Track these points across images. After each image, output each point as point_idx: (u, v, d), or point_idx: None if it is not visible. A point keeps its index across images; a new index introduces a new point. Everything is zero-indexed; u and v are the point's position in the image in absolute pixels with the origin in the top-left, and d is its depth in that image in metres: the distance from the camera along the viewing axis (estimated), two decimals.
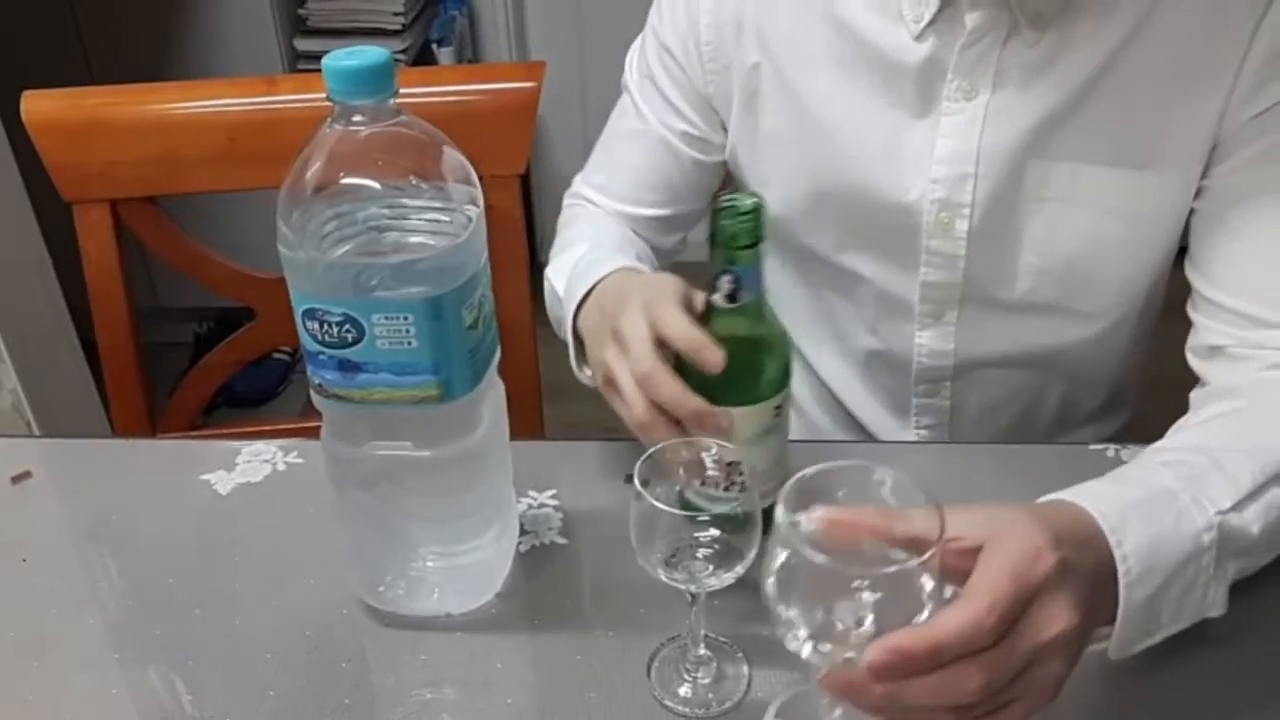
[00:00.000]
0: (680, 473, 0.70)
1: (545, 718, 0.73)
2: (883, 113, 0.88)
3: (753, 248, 0.70)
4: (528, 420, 1.20)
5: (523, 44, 2.67)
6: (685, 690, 0.73)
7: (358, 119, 0.66)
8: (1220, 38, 0.80)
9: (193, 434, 1.24)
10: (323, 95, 0.65)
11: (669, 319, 0.73)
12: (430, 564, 0.78)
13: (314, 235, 0.67)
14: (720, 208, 0.70)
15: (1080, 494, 0.66)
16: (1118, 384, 1.02)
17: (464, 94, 1.16)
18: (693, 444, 0.70)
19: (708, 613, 0.72)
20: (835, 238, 0.95)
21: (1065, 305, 0.93)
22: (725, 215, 0.70)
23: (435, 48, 2.43)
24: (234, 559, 0.85)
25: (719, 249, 0.71)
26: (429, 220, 0.68)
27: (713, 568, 0.67)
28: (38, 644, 0.79)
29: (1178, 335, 0.89)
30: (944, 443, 1.02)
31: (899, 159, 0.89)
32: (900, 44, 0.85)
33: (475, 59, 2.63)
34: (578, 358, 0.87)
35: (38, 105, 1.11)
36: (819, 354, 1.05)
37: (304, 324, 0.68)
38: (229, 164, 1.13)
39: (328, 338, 0.68)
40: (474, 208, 0.69)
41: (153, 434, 1.21)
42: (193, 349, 2.49)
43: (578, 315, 0.86)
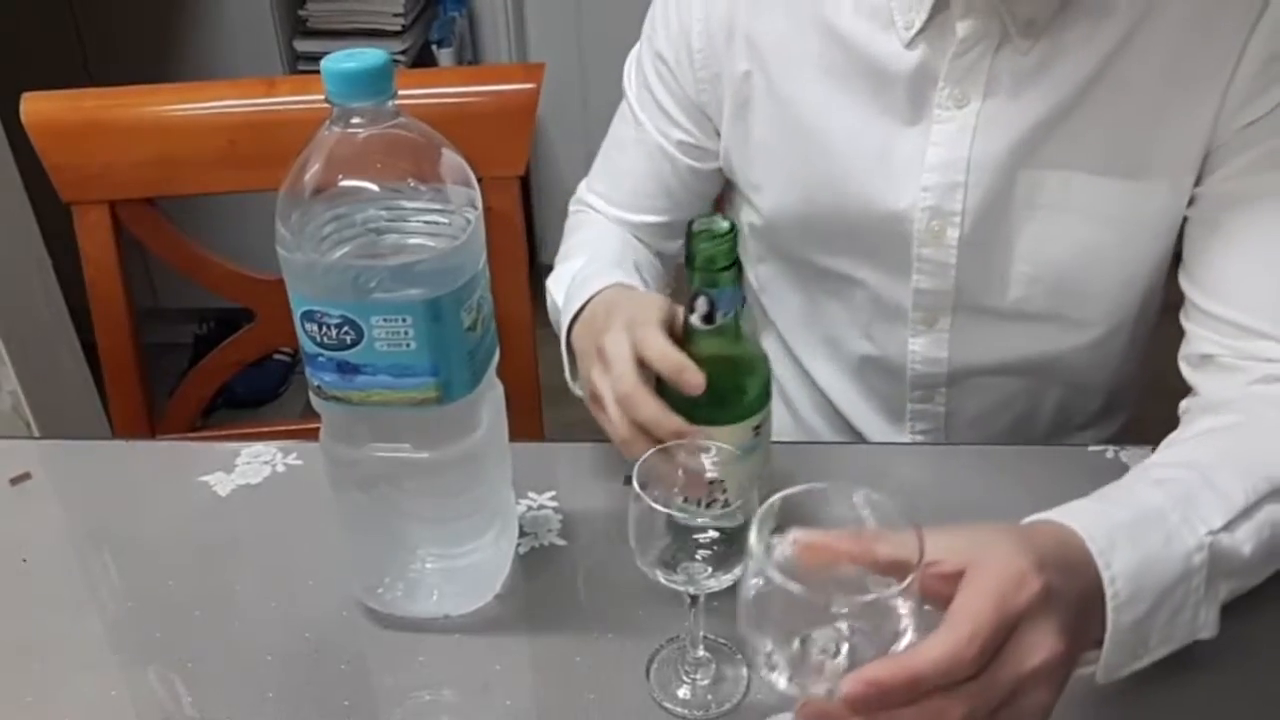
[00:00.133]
0: (663, 490, 0.69)
1: (544, 719, 0.73)
2: (873, 120, 0.88)
3: (728, 270, 0.71)
4: (527, 422, 1.20)
5: (522, 45, 2.67)
6: (684, 692, 0.73)
7: (356, 121, 0.66)
8: (1212, 46, 0.80)
9: (192, 435, 1.24)
10: (322, 97, 0.65)
11: (649, 340, 0.74)
12: (429, 565, 0.78)
13: (313, 237, 0.67)
14: (696, 231, 0.71)
15: (1067, 514, 0.65)
16: (1114, 389, 1.02)
17: (463, 96, 1.16)
18: (691, 445, 0.70)
19: (706, 614, 0.72)
20: (828, 244, 0.95)
21: (1059, 313, 0.92)
22: (701, 238, 0.70)
23: (435, 49, 2.43)
24: (233, 561, 0.85)
25: (695, 271, 0.72)
26: (428, 222, 0.68)
27: (711, 569, 0.67)
28: (37, 645, 0.79)
29: (1178, 337, 0.88)
30: (940, 444, 1.02)
31: (890, 167, 0.89)
32: (891, 51, 0.85)
33: (475, 60, 2.63)
34: (571, 371, 0.88)
35: (37, 107, 1.11)
36: (813, 359, 1.05)
37: (303, 326, 0.68)
38: (228, 165, 1.13)
39: (326, 340, 0.68)
40: (472, 210, 0.69)
41: (152, 435, 1.21)
42: (192, 350, 2.49)
43: (571, 330, 0.87)
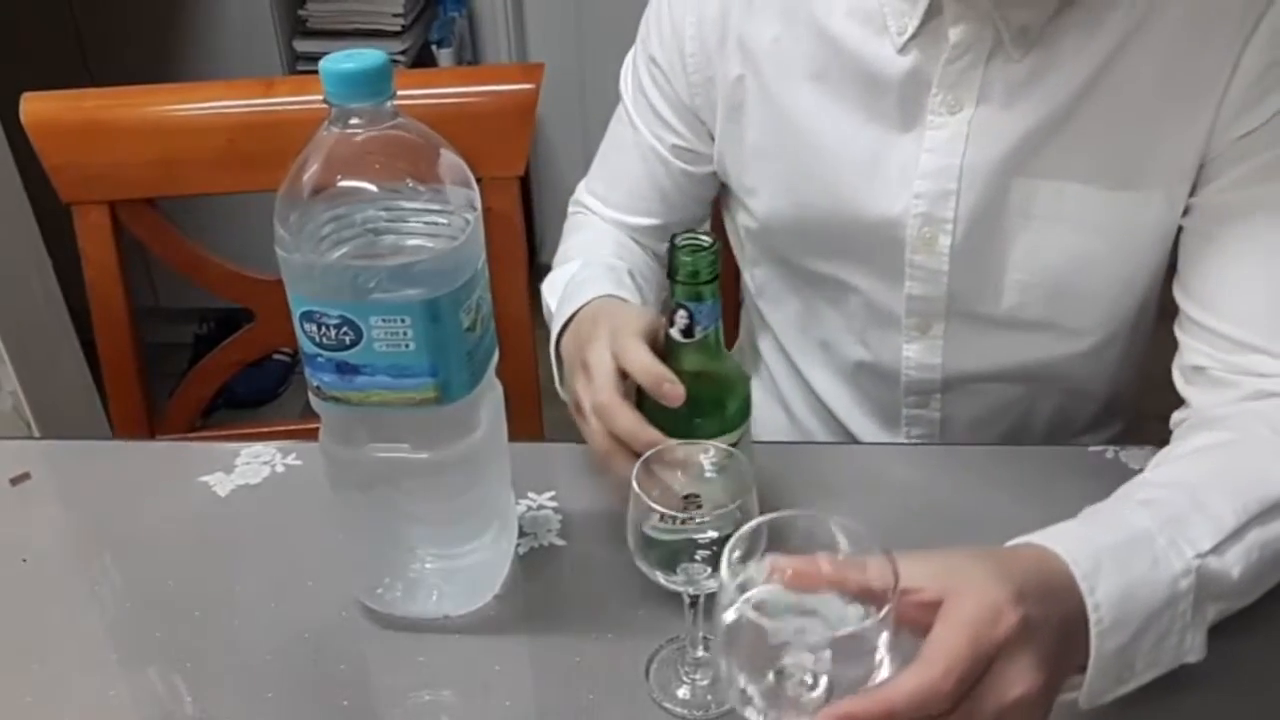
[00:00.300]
0: (639, 508, 0.68)
1: (543, 719, 0.73)
2: (866, 125, 0.88)
3: (710, 283, 0.71)
4: (526, 422, 1.20)
5: (522, 45, 2.67)
6: (684, 692, 0.73)
7: (355, 122, 0.66)
8: (1207, 57, 0.79)
9: (192, 435, 1.24)
10: (321, 97, 0.65)
11: (630, 351, 0.74)
12: (429, 566, 0.78)
13: (311, 237, 0.67)
14: (679, 245, 0.71)
15: (1052, 537, 0.65)
16: (1111, 396, 1.01)
17: (462, 96, 1.16)
18: (691, 445, 0.70)
19: (706, 615, 0.72)
20: (821, 249, 0.95)
21: (1053, 321, 0.92)
22: (683, 252, 0.71)
23: (435, 49, 2.43)
24: (233, 561, 0.85)
25: (677, 284, 0.72)
26: (426, 223, 0.68)
27: (711, 570, 0.67)
28: (37, 645, 0.79)
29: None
30: (934, 444, 1.01)
31: (882, 172, 0.88)
32: (883, 56, 0.85)
33: (475, 60, 2.63)
34: (560, 379, 0.88)
35: (37, 107, 1.11)
36: (809, 363, 1.05)
37: (302, 326, 0.68)
38: (228, 166, 1.13)
39: (325, 340, 0.68)
40: (471, 210, 0.69)
41: (152, 435, 1.21)
42: (192, 350, 2.49)
43: (560, 338, 0.88)
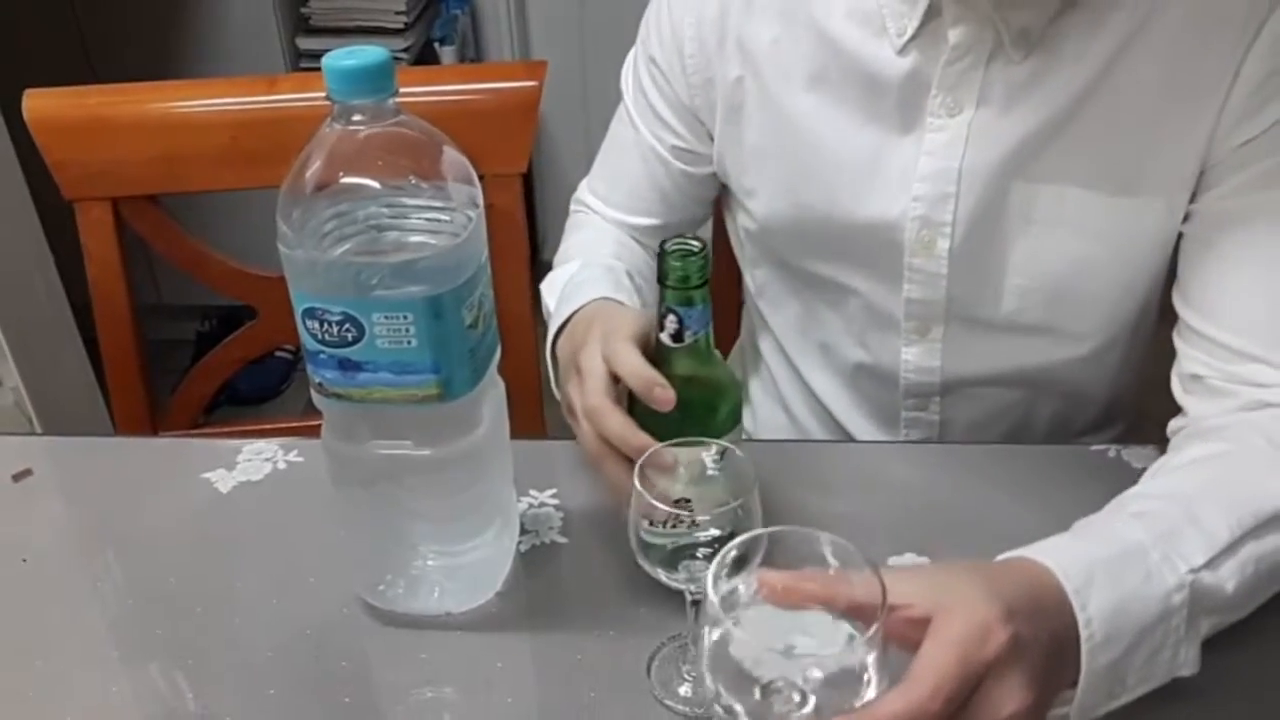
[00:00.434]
0: (638, 510, 0.68)
1: (545, 717, 0.73)
2: (865, 127, 0.87)
3: (700, 288, 0.71)
4: (528, 419, 1.20)
5: (525, 42, 2.67)
6: (685, 690, 0.73)
7: (357, 118, 0.66)
8: (1208, 63, 0.79)
9: (194, 432, 1.24)
10: (323, 95, 0.65)
11: (621, 355, 0.74)
12: (431, 563, 0.78)
13: (314, 234, 0.67)
14: (669, 250, 0.71)
15: (1044, 551, 0.65)
16: (1112, 399, 1.01)
17: (465, 93, 1.16)
18: (687, 445, 0.70)
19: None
20: (820, 251, 0.95)
21: (1053, 326, 0.91)
22: (673, 257, 0.71)
23: (437, 46, 2.43)
24: (234, 557, 0.85)
25: (667, 289, 0.72)
26: (429, 219, 0.68)
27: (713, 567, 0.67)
28: (39, 642, 0.79)
29: None
30: (933, 442, 1.01)
31: (880, 174, 0.88)
32: (883, 58, 0.85)
33: (477, 58, 2.63)
34: (555, 380, 0.88)
35: (39, 104, 1.11)
36: (808, 365, 1.05)
37: (304, 323, 0.68)
38: (230, 163, 1.13)
39: (328, 337, 0.68)
40: (474, 207, 0.69)
41: (154, 432, 1.22)
42: (195, 347, 2.49)
43: (556, 341, 0.88)
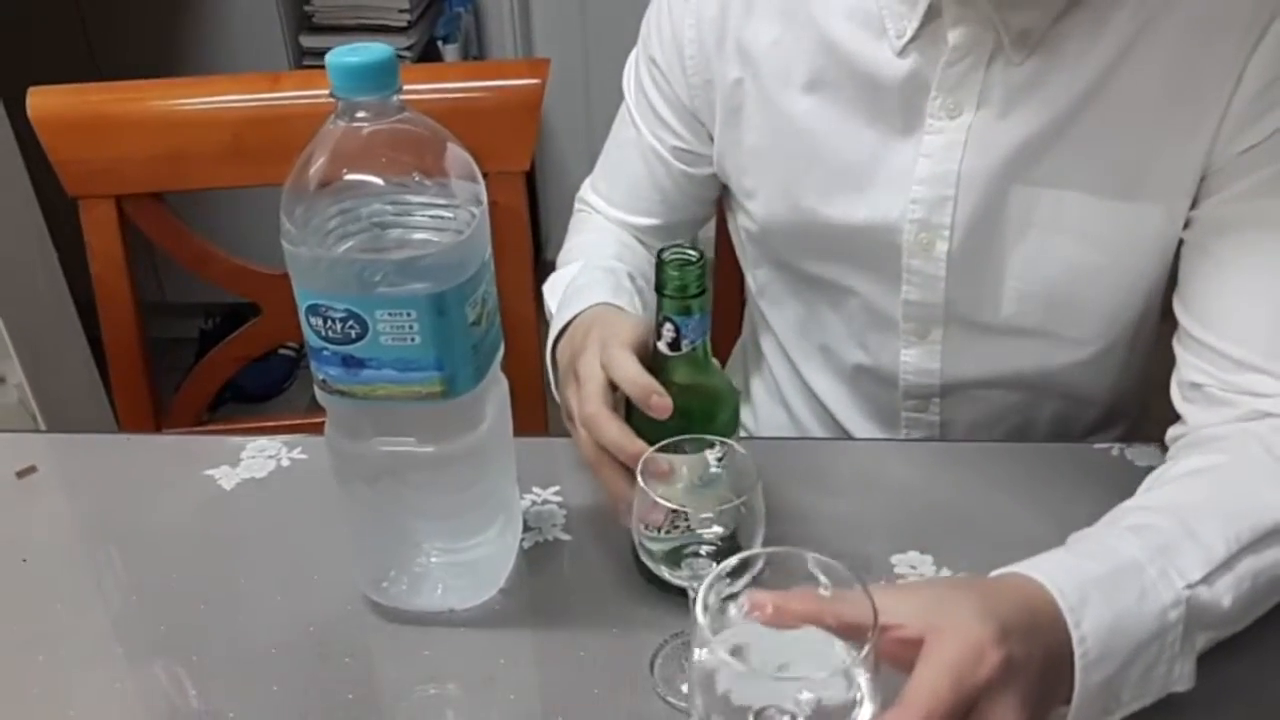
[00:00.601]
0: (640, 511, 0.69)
1: (548, 714, 0.73)
2: (864, 129, 0.87)
3: (698, 297, 0.71)
4: (531, 416, 1.20)
5: (528, 40, 2.67)
6: (688, 687, 0.73)
7: (361, 115, 0.66)
8: (1210, 69, 0.78)
9: (198, 430, 1.24)
10: (327, 92, 0.65)
11: (618, 362, 0.74)
12: (434, 560, 0.78)
13: (317, 231, 0.67)
14: (666, 259, 0.71)
15: (1039, 567, 0.64)
16: (1114, 401, 1.00)
17: (468, 91, 1.16)
18: (690, 440, 0.70)
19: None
20: (819, 252, 0.95)
21: (1052, 330, 0.91)
22: (671, 266, 0.71)
23: (440, 45, 2.43)
24: (238, 554, 0.85)
25: (664, 298, 0.72)
26: (432, 216, 0.68)
27: (715, 565, 0.67)
28: (42, 639, 0.79)
29: None
30: (934, 440, 1.00)
31: (879, 176, 0.88)
32: (883, 59, 0.84)
33: (480, 56, 2.63)
34: (556, 383, 0.88)
35: (43, 101, 1.11)
36: (809, 366, 1.04)
37: (308, 320, 0.68)
38: (233, 160, 1.13)
39: (331, 334, 0.68)
40: (477, 204, 0.69)
41: (158, 430, 1.22)
42: (198, 345, 2.50)
43: (556, 345, 0.88)
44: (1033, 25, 0.80)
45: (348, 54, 0.65)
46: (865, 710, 0.54)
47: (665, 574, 0.69)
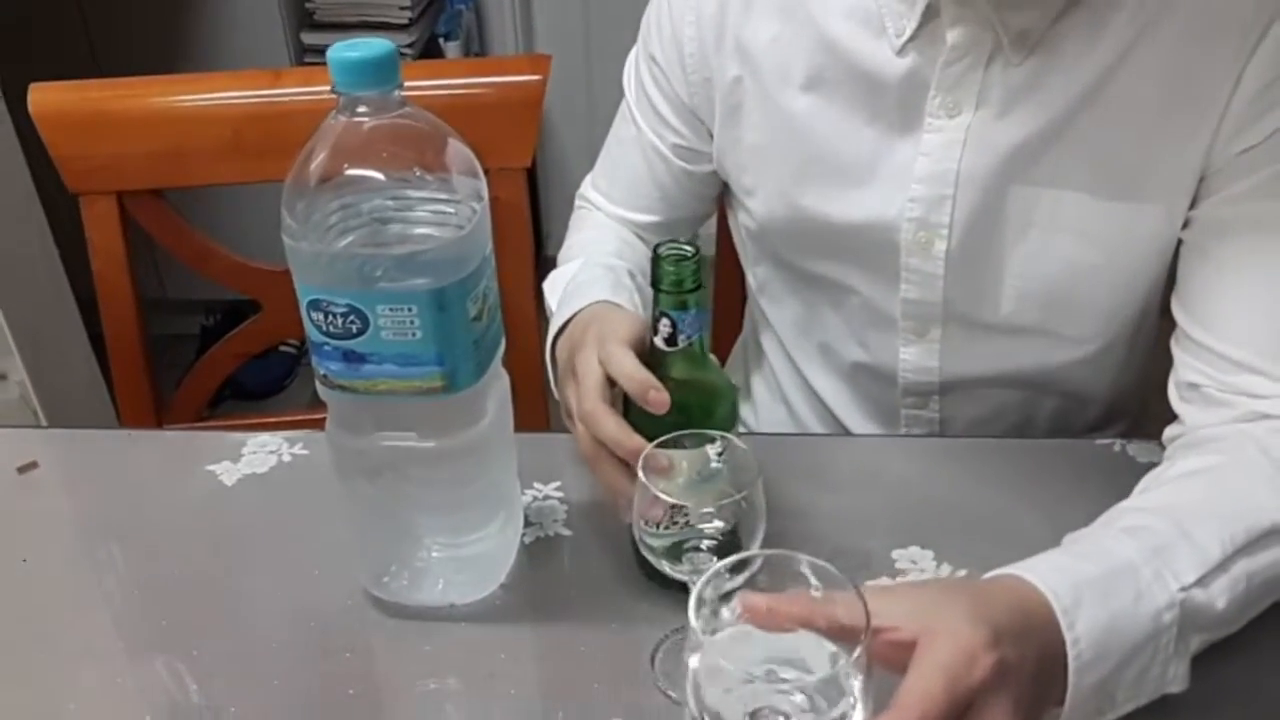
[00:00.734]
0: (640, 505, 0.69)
1: (549, 709, 0.73)
2: (863, 127, 0.87)
3: (694, 292, 0.71)
4: (533, 412, 1.20)
5: (529, 38, 2.67)
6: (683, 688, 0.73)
7: (362, 110, 0.66)
8: (1210, 68, 0.78)
9: (199, 425, 1.25)
10: (328, 88, 0.65)
11: (616, 358, 0.74)
12: (435, 555, 0.78)
13: (318, 226, 0.67)
14: (663, 254, 0.71)
15: (1033, 569, 0.64)
16: (1113, 399, 1.00)
17: (469, 87, 1.16)
18: (688, 436, 0.71)
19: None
20: (818, 250, 0.95)
21: (1051, 329, 0.91)
22: (667, 261, 0.71)
23: (442, 42, 2.43)
24: (239, 550, 0.85)
25: (661, 293, 0.72)
26: (433, 212, 0.68)
27: (716, 560, 0.67)
28: (43, 634, 0.79)
29: None
30: (934, 436, 1.00)
31: (878, 175, 0.88)
32: (882, 58, 0.84)
33: (482, 53, 2.63)
34: (555, 380, 0.88)
35: (44, 97, 1.11)
36: (809, 363, 1.04)
37: (309, 315, 0.68)
38: (234, 157, 1.13)
39: (332, 328, 0.68)
40: (478, 199, 0.69)
41: (159, 426, 1.22)
42: (199, 342, 2.50)
43: (556, 343, 0.88)
44: (1031, 26, 0.80)
45: (349, 49, 0.65)
46: (858, 713, 0.54)
47: (666, 569, 0.69)
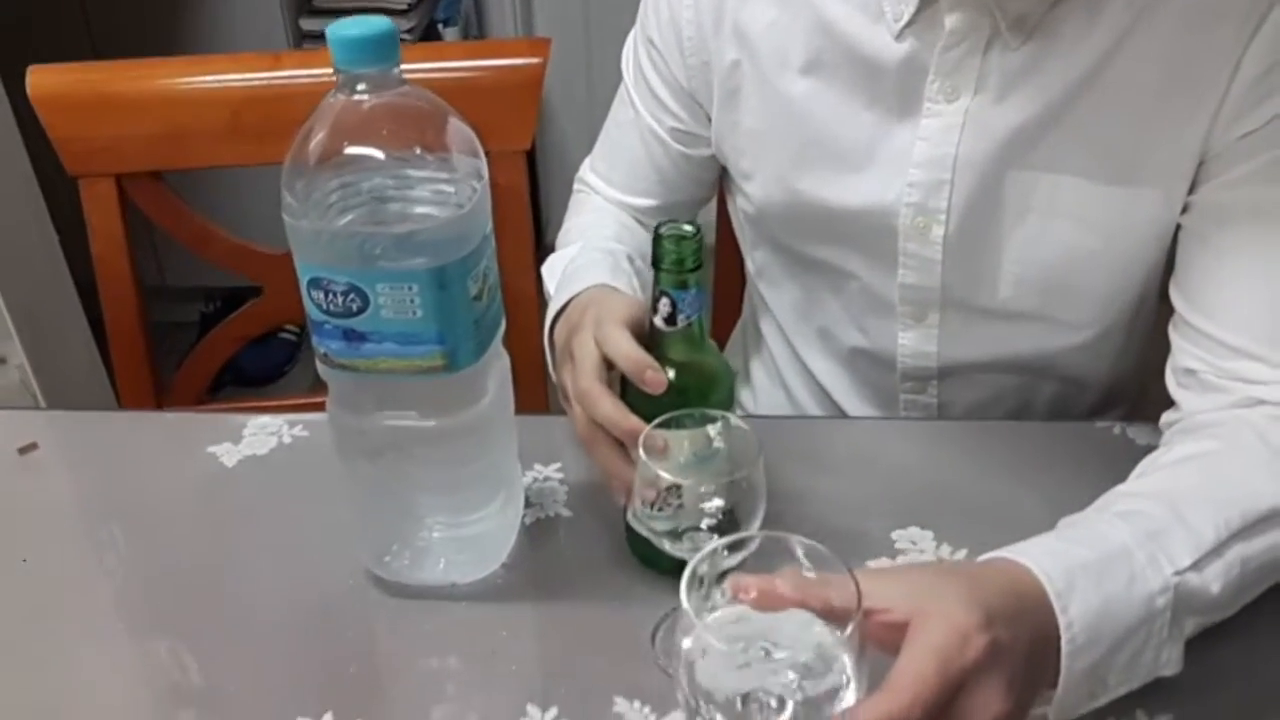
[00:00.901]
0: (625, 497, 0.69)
1: (549, 687, 0.73)
2: (861, 112, 0.87)
3: (695, 271, 0.71)
4: (533, 394, 1.19)
5: (529, 23, 2.66)
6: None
7: (362, 88, 0.66)
8: (1209, 53, 0.78)
9: (200, 408, 1.25)
10: (327, 70, 0.65)
11: (612, 339, 0.75)
12: (436, 534, 0.79)
13: (318, 204, 0.67)
14: (663, 234, 0.71)
15: (1027, 552, 0.64)
16: (1112, 384, 1.00)
17: (469, 70, 1.15)
18: (686, 415, 0.71)
19: None
20: (816, 235, 0.95)
21: (1049, 314, 0.91)
22: (668, 240, 0.71)
23: (441, 27, 2.43)
24: (240, 531, 0.86)
25: (661, 272, 0.72)
26: (433, 190, 0.68)
27: (717, 539, 0.67)
28: (43, 616, 0.79)
29: None
30: (932, 419, 1.00)
31: (876, 159, 0.88)
32: (880, 43, 0.84)
33: (481, 38, 2.62)
34: (553, 364, 0.88)
35: (43, 80, 1.11)
36: (807, 348, 1.04)
37: (309, 293, 0.68)
38: (233, 139, 1.13)
39: (333, 307, 0.68)
40: (478, 178, 0.69)
41: (160, 409, 1.22)
42: (198, 329, 2.50)
43: (554, 326, 0.88)
44: (1029, 10, 0.79)
45: (348, 26, 0.64)
46: (850, 693, 0.55)
47: (666, 547, 0.69)
